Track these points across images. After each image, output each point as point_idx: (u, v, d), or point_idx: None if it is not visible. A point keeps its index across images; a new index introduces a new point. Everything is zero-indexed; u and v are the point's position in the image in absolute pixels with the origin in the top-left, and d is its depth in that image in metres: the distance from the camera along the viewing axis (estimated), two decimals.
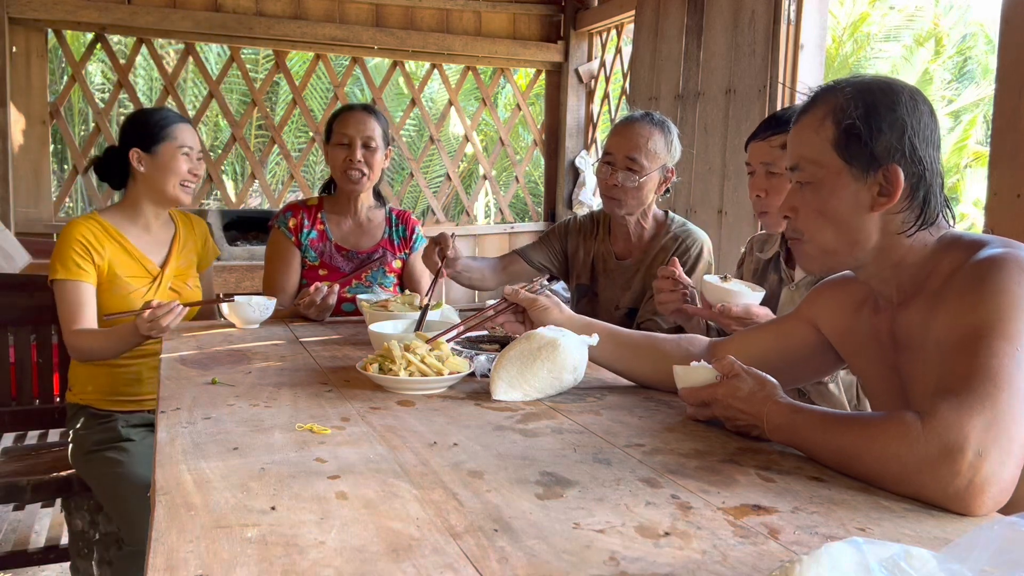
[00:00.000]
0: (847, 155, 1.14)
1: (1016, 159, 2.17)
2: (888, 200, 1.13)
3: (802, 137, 1.19)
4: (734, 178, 3.47)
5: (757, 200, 1.80)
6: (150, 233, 2.21)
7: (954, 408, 0.95)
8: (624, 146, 2.14)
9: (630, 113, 2.27)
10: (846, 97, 1.15)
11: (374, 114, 2.38)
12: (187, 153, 2.15)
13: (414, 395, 1.42)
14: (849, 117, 1.13)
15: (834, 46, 9.98)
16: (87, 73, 4.97)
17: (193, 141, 2.18)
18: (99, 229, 2.12)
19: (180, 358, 1.69)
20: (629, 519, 0.90)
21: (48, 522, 2.82)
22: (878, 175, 1.13)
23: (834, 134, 1.15)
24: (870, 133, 1.12)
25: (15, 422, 2.37)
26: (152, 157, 2.13)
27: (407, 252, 2.48)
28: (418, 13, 4.82)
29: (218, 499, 0.93)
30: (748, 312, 1.63)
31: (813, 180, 1.17)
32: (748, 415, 1.17)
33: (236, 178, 9.89)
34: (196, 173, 2.18)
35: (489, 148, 8.67)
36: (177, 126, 2.16)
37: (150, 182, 2.16)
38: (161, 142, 2.13)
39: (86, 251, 2.06)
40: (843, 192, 1.15)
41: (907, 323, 1.18)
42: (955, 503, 0.93)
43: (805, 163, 1.18)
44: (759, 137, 1.79)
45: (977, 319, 1.02)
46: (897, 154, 1.12)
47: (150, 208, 2.19)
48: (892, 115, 1.13)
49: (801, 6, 3.21)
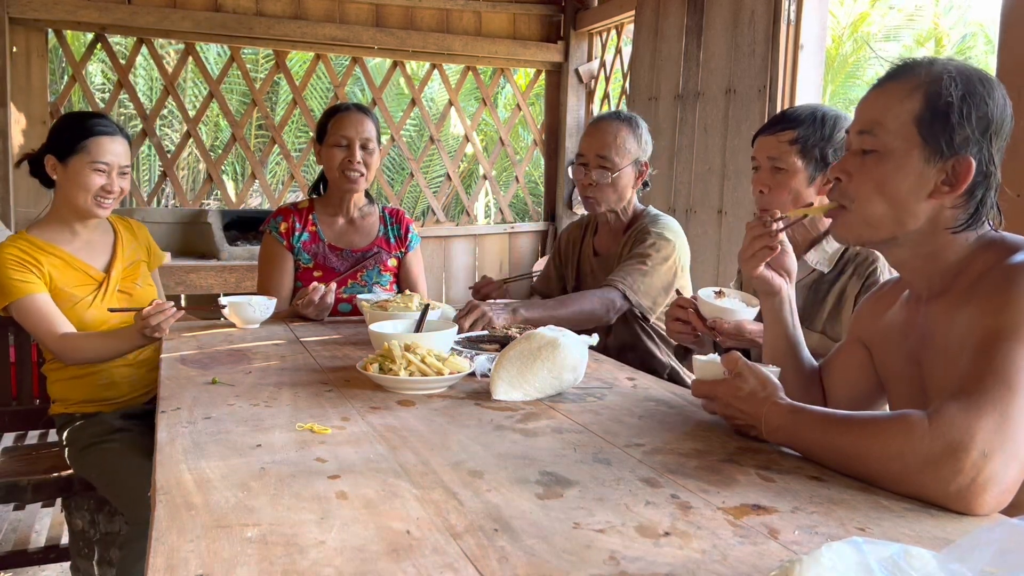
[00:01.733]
0: (927, 133, 1.09)
1: (1016, 159, 2.16)
2: (951, 191, 1.10)
3: (884, 102, 1.13)
4: (734, 178, 3.47)
5: (759, 196, 1.76)
6: (83, 240, 2.11)
7: (963, 408, 0.95)
8: (594, 145, 2.23)
9: (599, 114, 2.34)
10: (948, 75, 1.09)
11: (369, 114, 2.38)
12: (100, 170, 2.01)
13: (414, 395, 1.42)
14: (948, 95, 1.08)
15: (834, 46, 9.98)
16: (87, 73, 4.97)
17: (113, 157, 2.02)
18: (29, 246, 2.02)
19: (180, 358, 1.69)
20: (629, 519, 0.90)
21: (48, 522, 2.82)
22: (949, 163, 1.09)
23: (921, 108, 1.09)
24: (959, 119, 1.08)
25: (15, 422, 2.37)
26: (64, 167, 2.02)
27: (403, 251, 2.48)
28: (418, 13, 4.82)
29: (218, 499, 0.93)
30: (740, 329, 1.66)
31: (881, 149, 1.12)
32: (747, 415, 1.17)
33: (236, 178, 9.90)
34: (110, 190, 2.02)
35: (489, 148, 8.68)
36: (95, 139, 2.00)
37: (63, 192, 2.05)
38: (74, 154, 2.00)
39: (23, 265, 1.97)
40: (908, 170, 1.11)
41: (933, 318, 1.16)
42: (956, 502, 0.93)
43: (879, 129, 1.12)
44: (768, 131, 1.74)
45: (999, 322, 1.00)
46: (975, 147, 1.09)
47: (73, 217, 2.08)
48: (984, 107, 1.09)
49: (801, 6, 3.21)
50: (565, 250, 2.50)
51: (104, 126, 2.05)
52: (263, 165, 4.93)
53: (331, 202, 2.43)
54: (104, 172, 2.02)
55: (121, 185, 2.06)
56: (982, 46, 10.99)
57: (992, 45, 10.00)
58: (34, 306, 1.97)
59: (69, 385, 2.12)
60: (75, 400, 2.13)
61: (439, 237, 5.04)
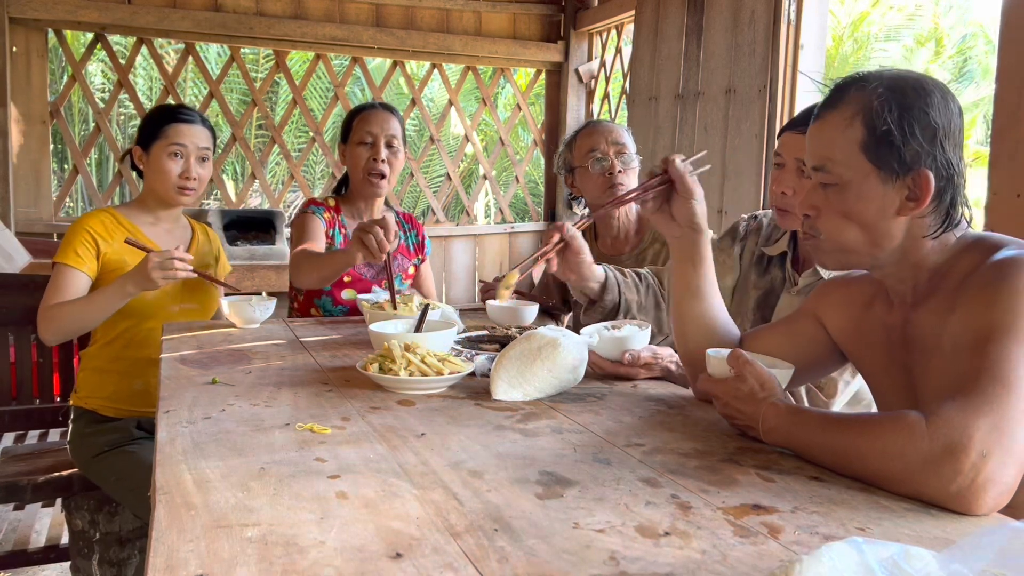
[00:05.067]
0: (876, 159, 1.10)
1: (1016, 159, 2.17)
2: (916, 205, 1.10)
3: (827, 136, 1.14)
4: (734, 178, 3.47)
5: (780, 196, 1.70)
6: (163, 229, 2.18)
7: (960, 408, 0.95)
8: (607, 135, 2.22)
9: (588, 120, 2.36)
10: (878, 97, 1.10)
11: (395, 113, 2.34)
12: (176, 152, 2.08)
13: (414, 395, 1.42)
14: (883, 121, 1.08)
15: (834, 46, 9.98)
16: (87, 73, 4.97)
17: (189, 140, 2.09)
18: (112, 221, 2.10)
19: (180, 358, 1.69)
20: (629, 519, 0.90)
21: (48, 522, 2.82)
22: (907, 179, 1.10)
23: (864, 136, 1.10)
24: (903, 138, 1.08)
25: (15, 422, 2.37)
26: (148, 156, 2.11)
27: (420, 258, 2.45)
28: (418, 13, 4.82)
29: (218, 499, 0.93)
30: (655, 354, 1.57)
31: (839, 182, 1.13)
32: (745, 415, 1.17)
33: (236, 178, 9.90)
34: (189, 175, 2.09)
35: (489, 148, 8.67)
36: (172, 126, 2.09)
37: (148, 180, 2.14)
38: (155, 141, 2.09)
39: (92, 243, 2.04)
40: (870, 196, 1.11)
41: (921, 322, 1.16)
42: (956, 502, 0.93)
43: (831, 164, 1.13)
44: (798, 128, 1.63)
45: (990, 320, 1.01)
46: (928, 158, 1.08)
47: (157, 205, 2.16)
48: (926, 117, 1.08)
49: (801, 6, 3.21)
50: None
51: (183, 114, 2.13)
52: (263, 165, 4.93)
53: (355, 205, 2.38)
54: (181, 156, 2.09)
55: (200, 172, 2.12)
56: (982, 46, 11.00)
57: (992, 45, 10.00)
58: (66, 278, 2.01)
59: (101, 379, 2.12)
60: (101, 396, 2.12)
61: (439, 237, 5.04)
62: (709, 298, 1.43)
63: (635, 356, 1.55)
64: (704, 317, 1.43)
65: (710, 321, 1.43)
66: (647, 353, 1.56)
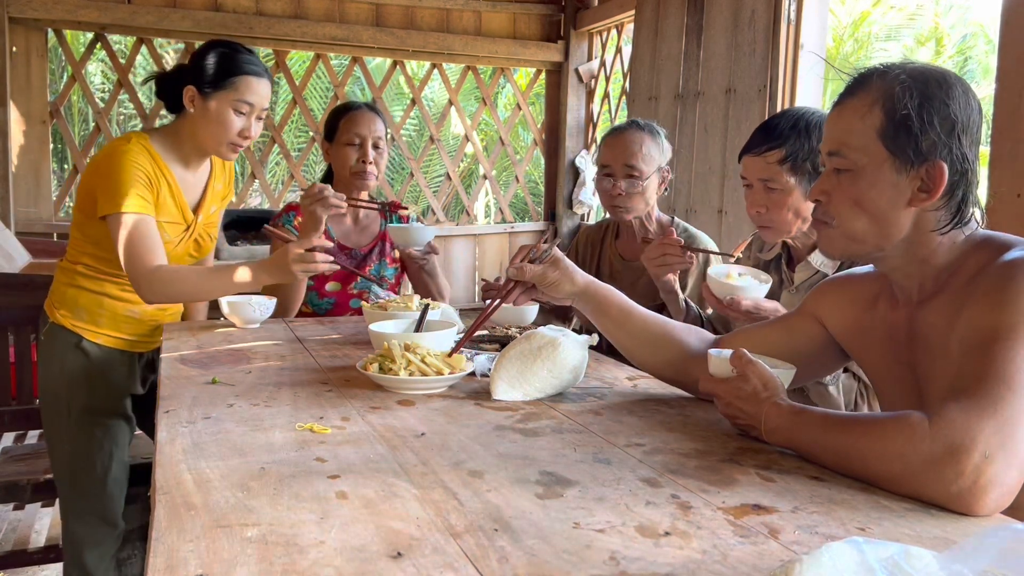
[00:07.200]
0: (893, 146, 1.10)
1: (1016, 159, 2.17)
2: (928, 197, 1.10)
3: (845, 122, 1.14)
4: (734, 178, 3.46)
5: (757, 215, 1.74)
6: (191, 174, 2.01)
7: (964, 409, 0.95)
8: (620, 156, 2.22)
9: (615, 125, 2.32)
10: (901, 85, 1.10)
11: (379, 113, 2.39)
12: (243, 111, 1.90)
13: (414, 395, 1.42)
14: (903, 106, 1.09)
15: (834, 46, 9.97)
16: (87, 73, 4.96)
17: (258, 98, 1.91)
18: (150, 160, 1.88)
19: (180, 357, 1.69)
20: (629, 519, 0.90)
21: (48, 522, 2.82)
22: (921, 170, 1.10)
23: (882, 123, 1.10)
24: (922, 126, 1.08)
25: (15, 422, 2.37)
26: (204, 102, 1.89)
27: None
28: (418, 13, 4.82)
29: (218, 499, 0.92)
30: (758, 306, 1.62)
31: (853, 168, 1.13)
32: (747, 415, 1.17)
33: (236, 178, 9.89)
34: (248, 135, 1.92)
35: (489, 148, 8.67)
36: (244, 78, 1.88)
37: (196, 128, 1.92)
38: (220, 89, 1.88)
39: (148, 184, 1.85)
40: (882, 184, 1.11)
41: (927, 321, 1.15)
42: (957, 503, 0.93)
43: (847, 149, 1.13)
44: (753, 151, 1.71)
45: (997, 321, 1.00)
46: (944, 150, 1.09)
47: (194, 152, 1.98)
48: (946, 109, 1.08)
49: (801, 6, 3.21)
50: (583, 252, 2.47)
51: (255, 64, 1.93)
52: (263, 165, 4.92)
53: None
54: (246, 115, 1.91)
55: (255, 129, 1.95)
56: (982, 46, 10.98)
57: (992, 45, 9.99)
58: (144, 230, 1.81)
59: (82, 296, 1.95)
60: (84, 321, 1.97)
61: (439, 237, 5.03)
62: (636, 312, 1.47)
63: (735, 301, 1.59)
64: (647, 329, 1.46)
65: (654, 328, 1.46)
66: (748, 303, 1.60)
